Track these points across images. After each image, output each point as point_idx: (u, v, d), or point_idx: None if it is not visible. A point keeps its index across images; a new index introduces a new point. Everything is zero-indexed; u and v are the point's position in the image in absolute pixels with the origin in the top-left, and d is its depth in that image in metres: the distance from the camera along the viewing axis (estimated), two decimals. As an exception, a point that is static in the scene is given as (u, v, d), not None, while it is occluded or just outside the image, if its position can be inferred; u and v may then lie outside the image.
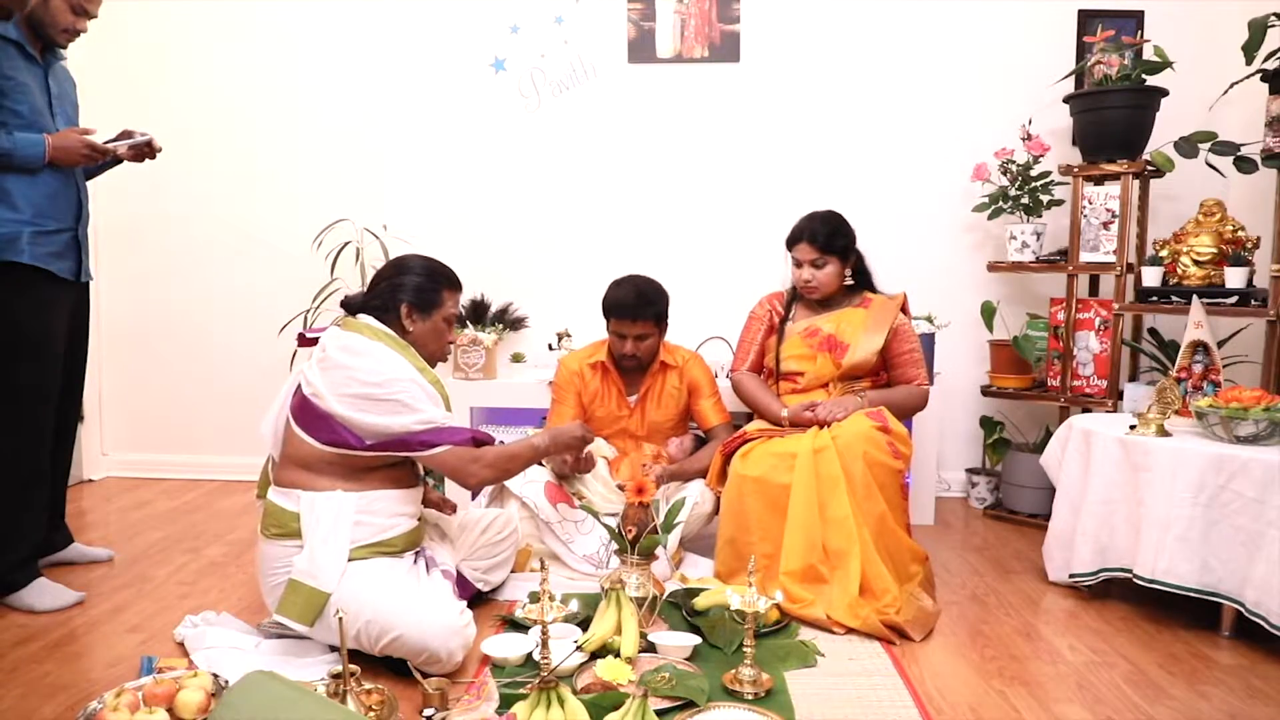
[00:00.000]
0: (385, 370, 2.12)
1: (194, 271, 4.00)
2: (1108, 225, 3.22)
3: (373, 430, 2.10)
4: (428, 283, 2.28)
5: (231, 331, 4.01)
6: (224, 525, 3.34)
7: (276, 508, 2.13)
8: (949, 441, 3.78)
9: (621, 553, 2.39)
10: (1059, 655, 2.25)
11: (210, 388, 4.05)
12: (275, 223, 3.93)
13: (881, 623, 2.30)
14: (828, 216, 2.77)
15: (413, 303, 2.25)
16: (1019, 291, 3.77)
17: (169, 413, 4.08)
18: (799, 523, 2.45)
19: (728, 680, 2.01)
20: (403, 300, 2.25)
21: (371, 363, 2.13)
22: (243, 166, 3.93)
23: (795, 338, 2.82)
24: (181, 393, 4.07)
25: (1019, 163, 3.40)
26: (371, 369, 2.12)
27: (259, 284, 3.96)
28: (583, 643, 2.09)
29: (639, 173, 3.84)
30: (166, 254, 3.98)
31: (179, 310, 4.02)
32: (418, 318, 2.26)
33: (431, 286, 2.28)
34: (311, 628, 2.03)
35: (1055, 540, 2.71)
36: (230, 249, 3.97)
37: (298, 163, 3.92)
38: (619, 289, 2.85)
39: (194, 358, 4.04)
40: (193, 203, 3.95)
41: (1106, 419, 2.78)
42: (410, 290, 2.26)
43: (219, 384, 4.04)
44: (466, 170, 3.88)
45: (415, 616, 1.99)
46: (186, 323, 4.03)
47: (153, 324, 4.02)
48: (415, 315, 2.26)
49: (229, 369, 4.02)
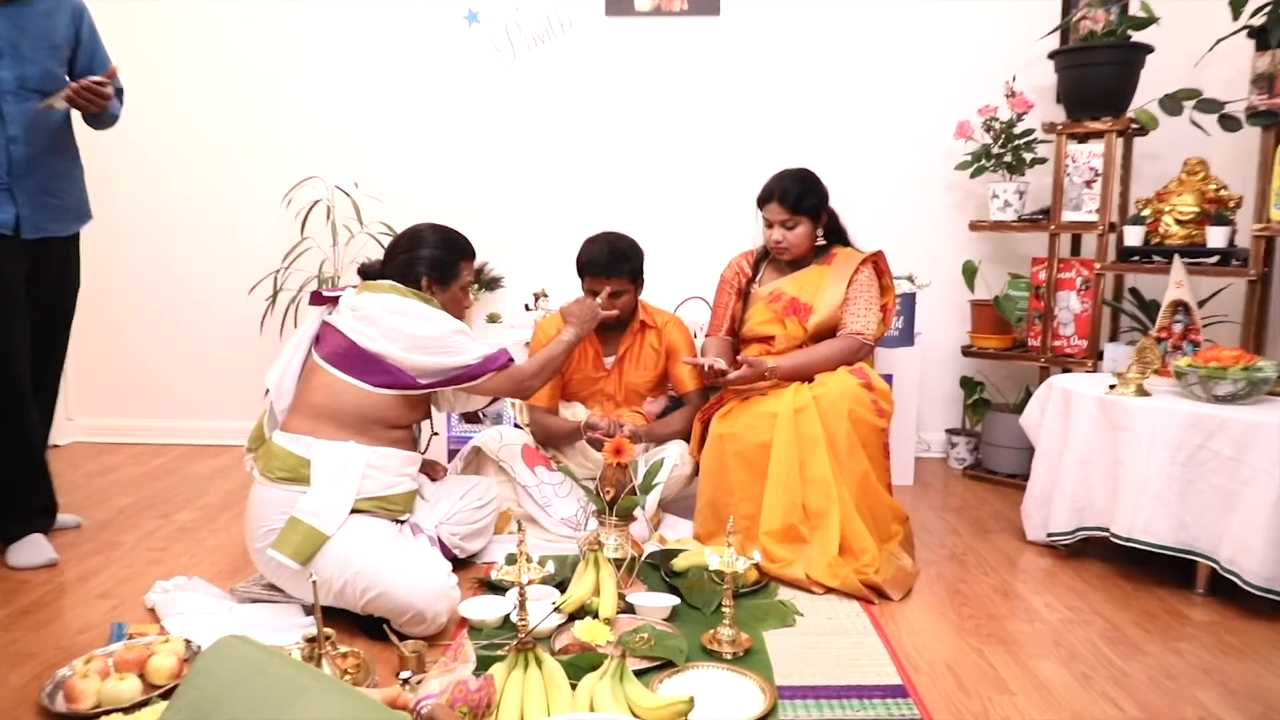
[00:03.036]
0: (433, 327, 2.24)
1: (160, 231, 3.92)
2: (1090, 184, 3.23)
3: (431, 369, 2.24)
4: (445, 255, 2.38)
5: (200, 292, 3.95)
6: (195, 490, 3.31)
7: (284, 451, 2.16)
8: (929, 402, 3.81)
9: (599, 514, 2.40)
10: (1036, 613, 2.28)
11: (179, 349, 3.99)
12: (243, 180, 3.86)
13: (860, 582, 2.32)
14: (799, 175, 2.73)
15: (433, 276, 2.35)
16: (1001, 251, 3.77)
17: (136, 376, 4.02)
18: (779, 483, 2.46)
19: (706, 640, 2.03)
20: (423, 273, 2.34)
21: (418, 322, 2.24)
22: (209, 123, 3.85)
23: (760, 303, 2.80)
24: (149, 355, 4.01)
25: (1002, 120, 3.39)
26: (420, 327, 2.23)
27: (227, 243, 3.90)
28: (560, 604, 2.10)
29: (617, 128, 3.79)
30: (131, 213, 3.90)
31: (145, 270, 3.95)
32: (437, 290, 2.36)
33: (449, 259, 2.38)
34: (304, 566, 2.04)
35: (1033, 500, 2.74)
36: (197, 207, 3.90)
37: (266, 118, 3.84)
38: (592, 245, 2.83)
39: (161, 319, 3.98)
40: (157, 160, 3.87)
41: (1086, 379, 2.80)
42: (428, 263, 2.35)
43: (188, 346, 3.99)
44: (440, 126, 3.82)
45: (405, 575, 2.01)
46: (153, 283, 3.96)
47: (118, 285, 3.95)
48: (435, 288, 2.36)
49: (198, 330, 3.97)
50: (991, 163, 3.43)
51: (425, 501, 2.43)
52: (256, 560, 2.22)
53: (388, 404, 2.23)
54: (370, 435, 2.22)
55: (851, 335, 2.67)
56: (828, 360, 2.64)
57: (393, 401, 2.24)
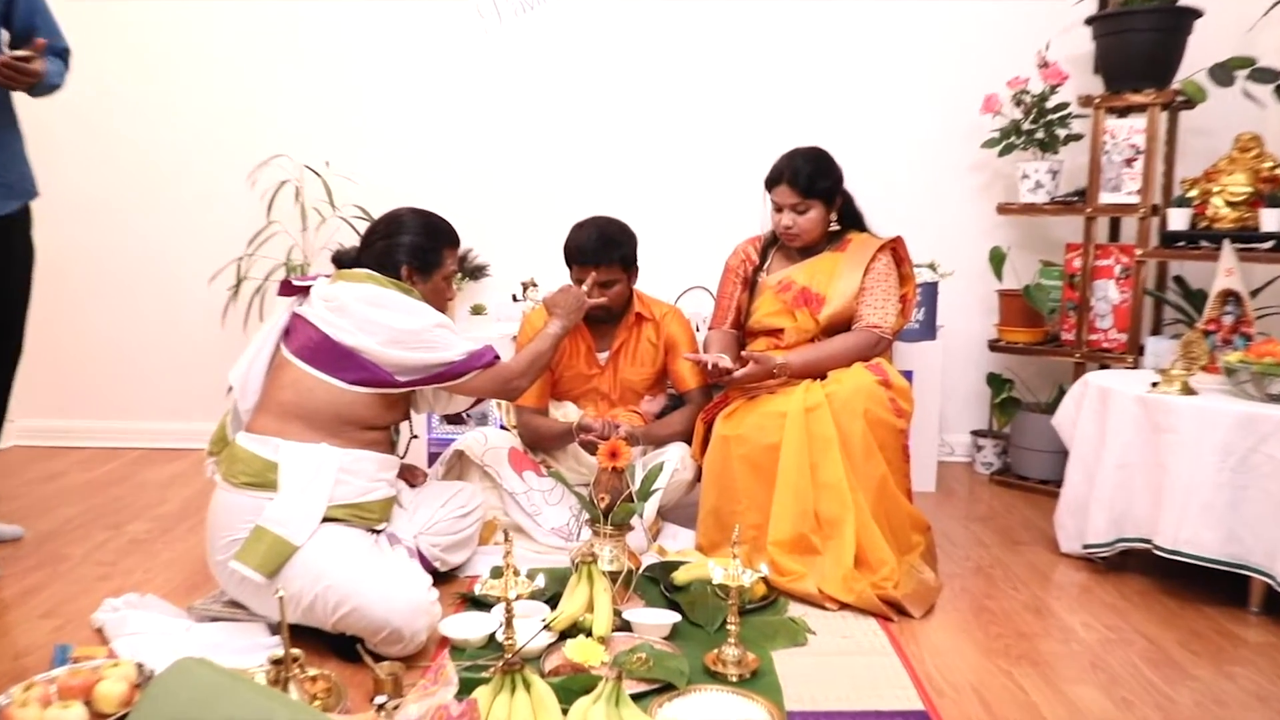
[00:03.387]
0: (414, 320, 2.24)
1: (110, 213, 3.91)
2: (1131, 162, 3.22)
3: (411, 366, 2.23)
4: (427, 242, 2.37)
5: (155, 280, 3.93)
6: (149, 498, 3.30)
7: (249, 454, 2.15)
8: (952, 401, 3.80)
9: (593, 523, 2.39)
10: (1071, 633, 2.28)
11: (131, 344, 3.98)
12: (203, 158, 3.85)
13: (878, 597, 2.32)
14: (811, 154, 2.72)
15: (413, 264, 2.35)
16: (1031, 236, 3.77)
17: (85, 374, 4.01)
18: (789, 488, 2.45)
19: (710, 661, 2.02)
20: (402, 261, 2.34)
21: (397, 315, 2.23)
22: (165, 95, 3.83)
23: (768, 293, 2.80)
24: (98, 350, 3.99)
25: (1034, 93, 3.38)
26: (399, 320, 2.22)
27: (186, 227, 3.88)
28: (551, 621, 2.10)
29: (613, 102, 3.78)
30: (78, 193, 3.87)
31: (93, 257, 3.93)
32: (418, 279, 2.36)
33: (431, 246, 2.38)
34: (270, 580, 2.03)
35: (1068, 508, 2.74)
36: (152, 187, 3.88)
37: (227, 90, 3.82)
38: (580, 231, 2.83)
39: (112, 310, 3.97)
40: (107, 135, 3.85)
41: (1126, 376, 2.80)
42: (409, 250, 2.35)
43: (142, 341, 3.97)
44: (418, 100, 3.81)
45: (380, 590, 2.00)
46: (103, 271, 3.94)
47: (63, 272, 3.91)
48: (416, 277, 2.36)
49: (153, 323, 3.95)
50: (1022, 140, 3.42)
51: (403, 510, 2.42)
52: (217, 574, 2.20)
53: (363, 403, 2.23)
54: (344, 437, 2.21)
55: (868, 328, 2.66)
56: (842, 355, 2.63)
57: (369, 400, 2.23)
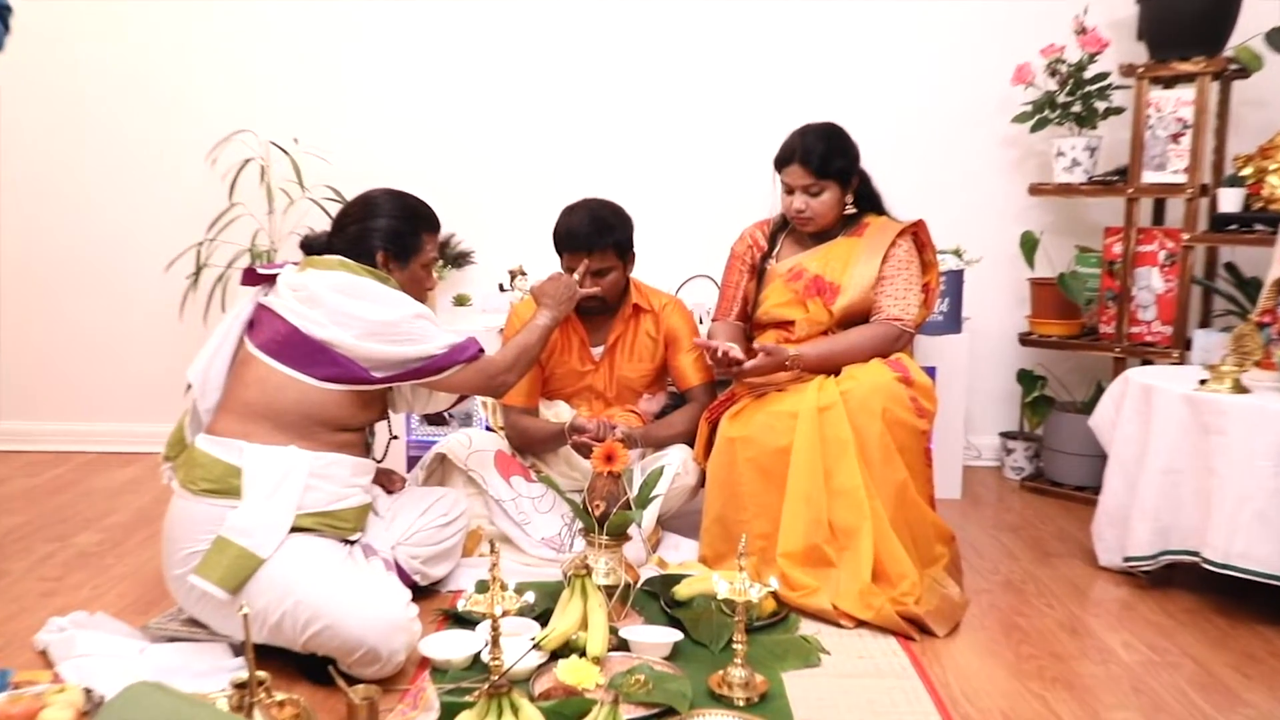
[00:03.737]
0: (391, 311, 2.25)
1: (56, 196, 3.91)
2: (1178, 137, 3.21)
3: (388, 360, 2.24)
4: (405, 225, 2.38)
5: (105, 269, 3.93)
6: (99, 507, 3.30)
7: (210, 458, 2.15)
8: (979, 400, 3.81)
9: (587, 533, 2.39)
10: (1111, 654, 2.28)
11: (80, 339, 3.98)
12: (158, 135, 3.85)
13: (898, 614, 2.32)
14: (824, 131, 2.73)
15: (389, 250, 2.35)
16: (1067, 219, 3.77)
17: (27, 370, 4.00)
18: (800, 495, 2.45)
19: (714, 683, 2.02)
20: (378, 247, 2.34)
21: (373, 305, 2.24)
22: (115, 64, 3.83)
23: (778, 281, 2.80)
24: (42, 346, 3.99)
25: (1070, 62, 3.37)
26: (376, 311, 2.23)
27: (140, 210, 3.88)
28: (541, 640, 2.10)
29: (606, 75, 3.78)
30: (17, 173, 3.87)
31: (38, 243, 3.93)
32: (395, 267, 2.37)
33: (409, 230, 2.39)
34: (233, 596, 2.02)
35: (1107, 518, 2.74)
36: (102, 167, 3.88)
37: (185, 61, 3.82)
38: (570, 215, 2.84)
39: (58, 302, 3.96)
40: (49, 107, 3.85)
41: (1171, 372, 2.80)
42: (385, 235, 2.35)
43: (91, 335, 3.97)
44: (395, 70, 3.81)
45: (355, 606, 2.00)
46: (48, 259, 3.94)
47: (2, 261, 3.93)
48: (393, 264, 2.36)
49: (104, 315, 3.95)
50: (1057, 114, 3.41)
51: (380, 518, 2.42)
52: (174, 590, 2.20)
53: (335, 402, 2.23)
54: (314, 439, 2.21)
55: (889, 321, 2.66)
56: (860, 349, 2.63)
57: (342, 399, 2.23)
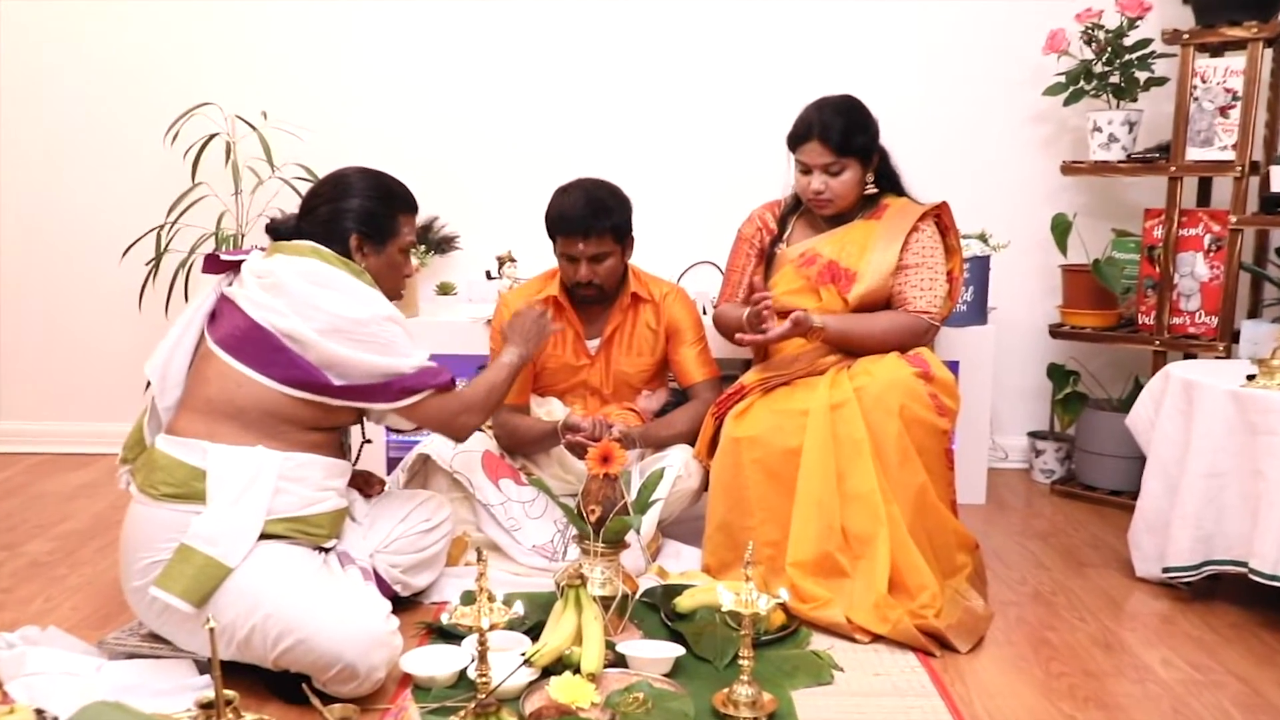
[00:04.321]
0: (360, 308, 2.23)
1: (2, 176, 3.91)
2: (1226, 111, 3.21)
3: (351, 365, 2.20)
4: (380, 206, 2.38)
5: (57, 256, 3.94)
6: (50, 513, 3.31)
7: (171, 460, 2.14)
8: (1006, 397, 3.82)
9: (582, 540, 2.40)
10: (1148, 672, 2.29)
11: (29, 332, 3.99)
12: (114, 109, 3.86)
13: (917, 628, 2.33)
14: (843, 105, 2.74)
15: (363, 232, 2.35)
16: (1103, 201, 3.78)
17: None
18: (811, 499, 2.46)
19: (719, 702, 2.03)
20: (351, 229, 2.34)
21: (342, 298, 2.23)
22: (66, 30, 3.83)
23: (788, 267, 2.82)
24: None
25: (1108, 28, 3.36)
26: (344, 305, 2.22)
27: (94, 192, 3.89)
28: (532, 655, 2.10)
29: (603, 46, 3.79)
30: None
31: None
32: (369, 250, 2.37)
33: (385, 211, 2.38)
34: (198, 609, 2.03)
35: (1145, 524, 2.74)
36: (51, 145, 3.89)
37: (143, 28, 3.82)
38: (564, 197, 2.84)
39: (4, 292, 3.97)
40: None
41: (1216, 367, 2.81)
42: (358, 216, 2.34)
43: (41, 327, 3.98)
44: (372, 40, 3.81)
45: (331, 618, 2.00)
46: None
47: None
48: (367, 247, 2.36)
49: (55, 306, 3.97)
50: (1093, 85, 3.41)
51: (357, 524, 2.44)
52: (134, 603, 2.20)
53: (298, 404, 2.22)
54: (283, 438, 2.21)
55: (916, 314, 2.69)
56: (884, 336, 2.66)
57: (303, 402, 2.22)
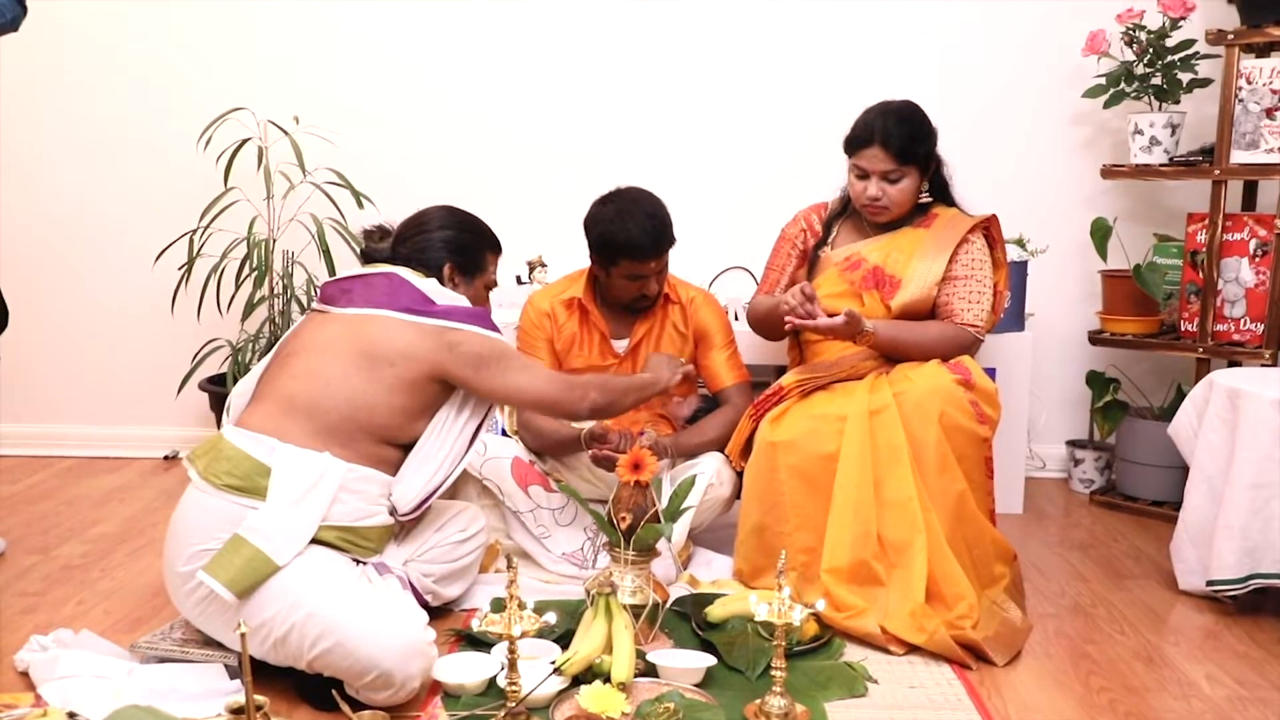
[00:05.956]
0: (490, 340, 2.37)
1: (35, 182, 3.95)
2: (1273, 113, 3.18)
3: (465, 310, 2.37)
4: (471, 240, 2.51)
5: (91, 261, 3.98)
6: (84, 516, 3.33)
7: (238, 452, 2.15)
8: (1044, 405, 3.78)
9: (612, 548, 2.40)
10: (1193, 687, 2.27)
11: (64, 337, 4.03)
12: (147, 114, 3.88)
13: (953, 639, 2.32)
14: (905, 112, 2.74)
15: (457, 262, 2.47)
16: (1144, 205, 3.75)
17: (6, 370, 3.99)
18: (848, 506, 2.46)
19: (750, 713, 2.03)
20: (445, 258, 2.45)
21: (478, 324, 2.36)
22: (101, 37, 3.86)
23: (831, 270, 2.82)
24: (23, 343, 3.97)
25: (1150, 29, 3.34)
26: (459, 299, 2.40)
27: (127, 197, 3.93)
28: (562, 664, 2.10)
29: (635, 49, 3.79)
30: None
31: (15, 234, 3.96)
32: (460, 280, 2.48)
33: (475, 245, 2.52)
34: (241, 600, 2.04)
35: (1188, 536, 2.72)
36: (85, 149, 3.92)
37: (176, 33, 3.85)
38: (626, 222, 2.76)
39: (40, 296, 4.00)
40: (30, 88, 3.88)
41: (1262, 375, 2.78)
42: (452, 247, 2.47)
43: (76, 331, 4.02)
44: (404, 45, 3.83)
45: (371, 625, 2.01)
46: (27, 250, 3.97)
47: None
48: (459, 277, 2.48)
49: (90, 311, 4.00)
50: (1134, 87, 3.39)
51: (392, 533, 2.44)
52: (174, 591, 2.19)
53: (388, 406, 2.26)
54: (353, 449, 2.23)
55: (963, 326, 2.69)
56: (932, 346, 2.67)
57: (394, 404, 2.26)
